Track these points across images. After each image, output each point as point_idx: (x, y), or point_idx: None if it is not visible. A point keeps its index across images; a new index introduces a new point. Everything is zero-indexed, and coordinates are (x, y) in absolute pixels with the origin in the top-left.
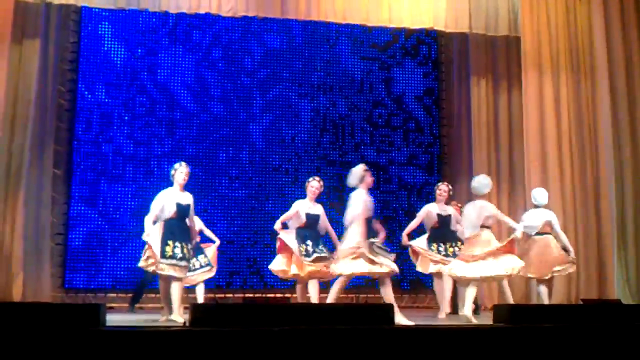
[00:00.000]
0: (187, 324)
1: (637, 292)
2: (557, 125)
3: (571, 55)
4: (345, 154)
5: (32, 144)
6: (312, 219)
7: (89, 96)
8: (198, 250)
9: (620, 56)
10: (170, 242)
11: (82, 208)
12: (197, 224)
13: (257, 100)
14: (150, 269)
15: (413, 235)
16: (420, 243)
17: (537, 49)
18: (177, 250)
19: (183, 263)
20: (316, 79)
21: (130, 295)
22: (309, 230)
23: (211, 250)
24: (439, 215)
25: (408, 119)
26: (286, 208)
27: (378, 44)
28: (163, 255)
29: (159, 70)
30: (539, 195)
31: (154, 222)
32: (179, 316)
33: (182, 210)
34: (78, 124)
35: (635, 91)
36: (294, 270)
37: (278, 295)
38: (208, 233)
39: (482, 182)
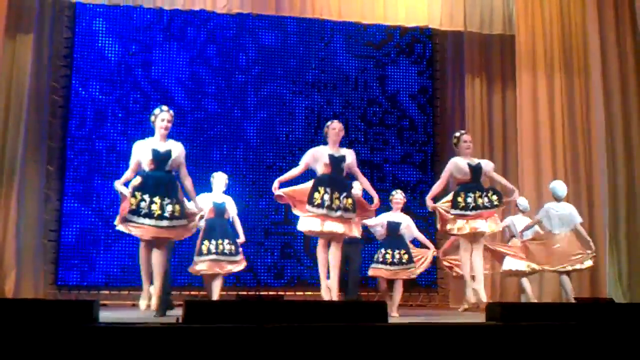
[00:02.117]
0: (180, 321)
1: (629, 292)
2: (550, 124)
3: (565, 54)
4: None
5: (25, 140)
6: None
7: (83, 92)
8: (222, 233)
9: (614, 56)
10: (137, 194)
11: (76, 205)
12: (231, 210)
13: (251, 97)
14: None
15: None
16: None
17: (532, 47)
18: (143, 205)
19: (148, 221)
20: (310, 76)
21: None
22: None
23: None
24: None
25: (402, 117)
26: (280, 205)
27: (373, 42)
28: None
29: (153, 67)
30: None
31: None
32: (143, 298)
33: (160, 159)
34: (72, 120)
35: (628, 91)
36: None
37: (271, 292)
38: (237, 226)
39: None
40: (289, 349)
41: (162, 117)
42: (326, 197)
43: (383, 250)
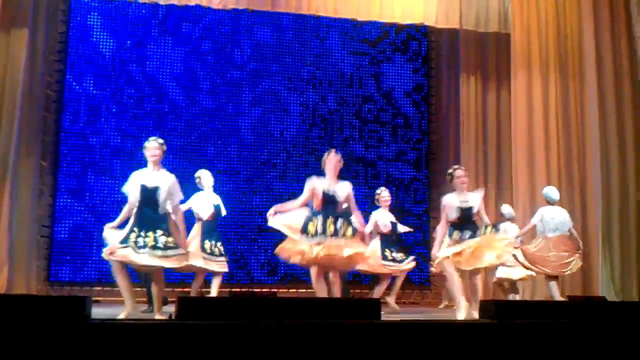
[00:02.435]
0: (174, 317)
1: (622, 291)
2: (545, 123)
3: (560, 53)
4: (334, 149)
5: (19, 134)
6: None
7: (77, 87)
8: (217, 236)
9: (609, 56)
10: (136, 230)
11: (69, 200)
12: (222, 210)
13: (246, 94)
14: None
15: None
16: None
17: (527, 46)
18: (133, 236)
19: (142, 250)
20: (306, 73)
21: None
22: None
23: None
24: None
25: (397, 115)
26: (273, 202)
27: (368, 39)
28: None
29: (147, 62)
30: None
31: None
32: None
33: (148, 196)
34: (65, 115)
35: (622, 91)
36: None
37: (264, 289)
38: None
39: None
40: (283, 346)
41: (148, 147)
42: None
43: (385, 250)
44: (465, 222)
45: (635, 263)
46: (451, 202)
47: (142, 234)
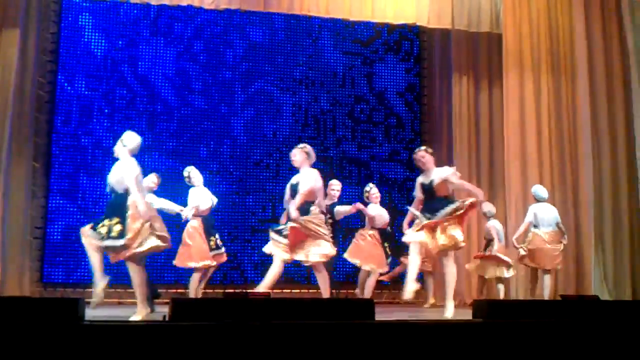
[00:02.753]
0: (167, 318)
1: (615, 290)
2: (537, 123)
3: (552, 53)
4: (327, 149)
5: (10, 135)
6: None
7: (69, 88)
8: (211, 230)
9: (600, 56)
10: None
11: (61, 201)
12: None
13: (239, 94)
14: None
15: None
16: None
17: (519, 46)
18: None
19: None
20: (298, 73)
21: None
22: None
23: None
24: None
25: (389, 115)
26: (266, 203)
27: (361, 39)
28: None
29: (139, 63)
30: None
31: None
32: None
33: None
34: (57, 116)
35: (614, 92)
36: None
37: (259, 290)
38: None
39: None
40: (277, 347)
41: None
42: None
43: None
44: (430, 198)
45: (628, 262)
46: (417, 182)
47: (105, 221)
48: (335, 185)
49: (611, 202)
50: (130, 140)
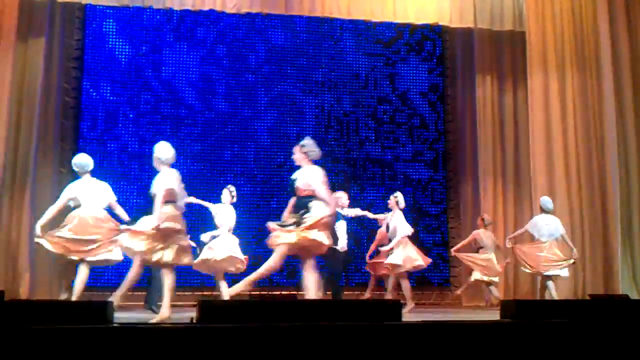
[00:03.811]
0: (195, 321)
1: None
2: (562, 122)
3: (577, 51)
4: (350, 150)
5: (37, 142)
6: None
7: (94, 94)
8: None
9: (625, 52)
10: None
11: None
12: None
13: (262, 97)
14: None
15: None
16: None
17: (542, 44)
18: None
19: None
20: (320, 75)
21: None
22: None
23: None
24: None
25: (413, 115)
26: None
27: (382, 39)
28: None
29: (163, 68)
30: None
31: None
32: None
33: None
34: (83, 121)
35: None
36: None
37: (284, 292)
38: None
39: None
40: (304, 349)
41: None
42: None
43: None
44: (296, 197)
45: None
46: None
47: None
48: (343, 199)
49: (638, 199)
50: (163, 152)
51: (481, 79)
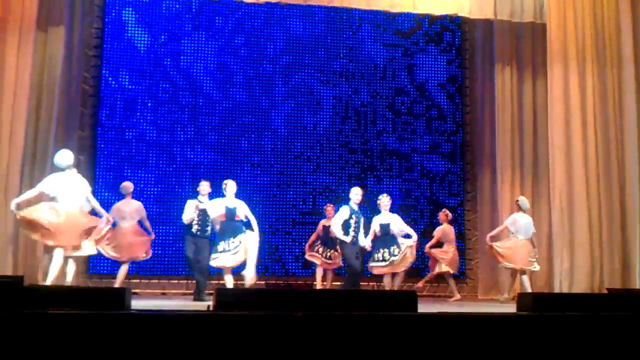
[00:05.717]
0: (212, 308)
1: None
2: (582, 115)
3: (597, 43)
4: (367, 142)
5: (56, 129)
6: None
7: (113, 82)
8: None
9: None
10: None
11: (106, 194)
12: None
13: (279, 87)
14: None
15: None
16: None
17: (563, 36)
18: None
19: None
20: (338, 66)
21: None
22: None
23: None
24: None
25: (431, 107)
26: (307, 196)
27: (401, 30)
28: None
29: (182, 57)
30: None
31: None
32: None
33: None
34: (102, 110)
35: None
36: None
37: (299, 282)
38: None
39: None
40: (319, 337)
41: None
42: None
43: (381, 250)
44: None
45: None
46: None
47: None
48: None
49: None
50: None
51: (500, 71)
